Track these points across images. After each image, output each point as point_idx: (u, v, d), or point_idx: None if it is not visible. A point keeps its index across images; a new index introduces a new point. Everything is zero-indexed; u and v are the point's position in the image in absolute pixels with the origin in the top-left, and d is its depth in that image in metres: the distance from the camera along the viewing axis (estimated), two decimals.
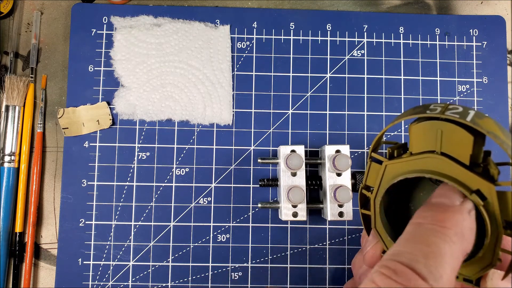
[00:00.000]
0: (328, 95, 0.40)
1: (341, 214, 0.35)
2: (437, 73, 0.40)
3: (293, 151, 0.35)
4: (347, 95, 0.40)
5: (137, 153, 0.38)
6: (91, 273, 0.37)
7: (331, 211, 0.35)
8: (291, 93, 0.40)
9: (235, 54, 0.40)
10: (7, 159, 0.37)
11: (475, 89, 0.40)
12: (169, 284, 0.37)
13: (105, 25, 0.40)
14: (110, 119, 0.38)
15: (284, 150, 0.35)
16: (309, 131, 0.39)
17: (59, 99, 0.40)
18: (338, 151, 0.35)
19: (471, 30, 0.41)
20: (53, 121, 0.39)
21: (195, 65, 0.39)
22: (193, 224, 0.38)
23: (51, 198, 0.38)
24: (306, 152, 0.38)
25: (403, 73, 0.40)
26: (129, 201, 0.38)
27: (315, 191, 0.39)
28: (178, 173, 0.38)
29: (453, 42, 0.41)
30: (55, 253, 0.37)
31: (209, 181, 0.38)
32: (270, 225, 0.38)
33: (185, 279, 0.37)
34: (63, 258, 0.37)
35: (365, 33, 0.41)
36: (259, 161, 0.36)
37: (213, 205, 0.38)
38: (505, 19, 0.41)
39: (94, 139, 0.38)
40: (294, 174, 0.35)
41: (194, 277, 0.37)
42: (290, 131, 0.39)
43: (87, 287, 0.37)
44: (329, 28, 0.41)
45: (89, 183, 0.38)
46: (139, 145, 0.39)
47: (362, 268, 0.29)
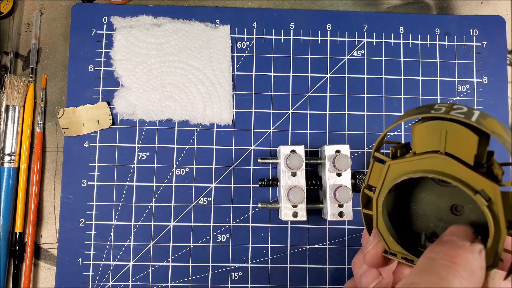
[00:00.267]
0: (328, 95, 0.40)
1: (341, 214, 0.35)
2: (437, 73, 0.40)
3: (293, 151, 0.35)
4: (347, 95, 0.40)
5: (137, 153, 0.38)
6: (91, 273, 0.37)
7: (331, 211, 0.35)
8: (291, 93, 0.40)
9: (235, 54, 0.40)
10: (7, 159, 0.37)
11: (475, 89, 0.40)
12: (169, 284, 0.37)
13: (105, 25, 0.40)
14: (110, 119, 0.38)
15: (284, 150, 0.35)
16: (309, 131, 0.39)
17: (59, 99, 0.40)
18: (338, 151, 0.35)
19: (471, 30, 0.41)
20: (53, 121, 0.39)
21: (195, 65, 0.39)
22: (193, 224, 0.38)
23: (51, 198, 0.38)
24: (306, 152, 0.38)
25: (403, 73, 0.40)
26: (129, 201, 0.38)
27: (315, 191, 0.39)
28: (178, 173, 0.38)
29: (453, 42, 0.41)
30: (55, 253, 0.37)
31: (209, 181, 0.38)
32: (270, 225, 0.38)
33: (185, 279, 0.37)
34: (63, 258, 0.37)
35: (365, 33, 0.41)
36: (259, 161, 0.36)
37: (213, 205, 0.38)
38: (505, 19, 0.41)
39: (94, 139, 0.38)
40: (294, 174, 0.35)
41: (194, 277, 0.37)
42: (290, 131, 0.39)
43: (87, 287, 0.37)
44: (329, 28, 0.41)
45: (89, 183, 0.38)
46: (139, 145, 0.39)
47: (362, 268, 0.28)
